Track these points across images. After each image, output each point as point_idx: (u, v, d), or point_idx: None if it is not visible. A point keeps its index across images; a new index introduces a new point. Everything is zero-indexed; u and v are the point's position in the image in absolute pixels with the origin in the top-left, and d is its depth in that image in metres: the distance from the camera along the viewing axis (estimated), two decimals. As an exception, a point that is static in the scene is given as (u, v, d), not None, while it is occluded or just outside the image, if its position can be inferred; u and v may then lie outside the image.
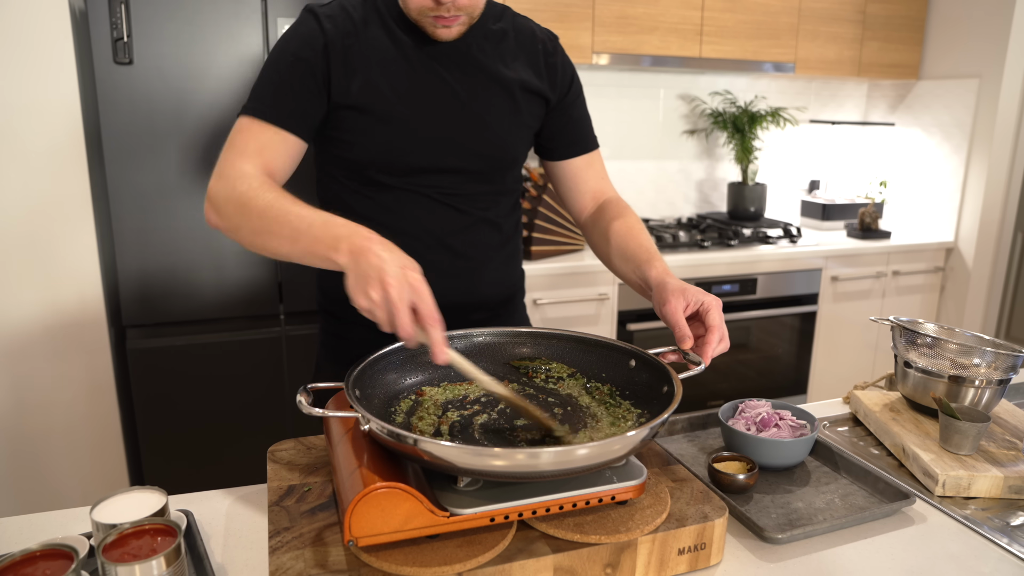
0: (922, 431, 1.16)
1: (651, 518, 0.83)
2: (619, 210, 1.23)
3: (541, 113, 1.22)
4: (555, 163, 1.29)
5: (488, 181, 1.19)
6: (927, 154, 3.35)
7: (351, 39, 1.09)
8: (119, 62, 1.91)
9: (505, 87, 1.16)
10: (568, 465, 0.74)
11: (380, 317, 0.79)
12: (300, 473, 0.95)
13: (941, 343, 1.19)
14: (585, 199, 1.29)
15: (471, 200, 1.19)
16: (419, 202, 1.16)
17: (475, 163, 1.17)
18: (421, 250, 1.08)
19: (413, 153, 1.12)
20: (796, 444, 1.07)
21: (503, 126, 1.17)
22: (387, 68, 1.10)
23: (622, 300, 2.63)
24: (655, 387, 0.93)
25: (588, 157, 1.28)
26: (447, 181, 1.16)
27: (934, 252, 3.24)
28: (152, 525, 0.79)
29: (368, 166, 1.13)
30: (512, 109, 1.17)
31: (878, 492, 1.03)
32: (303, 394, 0.82)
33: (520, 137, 1.21)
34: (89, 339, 2.06)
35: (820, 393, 3.11)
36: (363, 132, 1.11)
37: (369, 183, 1.15)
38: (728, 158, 3.39)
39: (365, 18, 1.11)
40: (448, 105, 1.13)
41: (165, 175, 1.99)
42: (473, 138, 1.15)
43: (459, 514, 0.77)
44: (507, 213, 1.25)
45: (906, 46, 3.26)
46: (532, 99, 1.20)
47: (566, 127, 1.25)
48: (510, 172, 1.23)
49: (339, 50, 1.08)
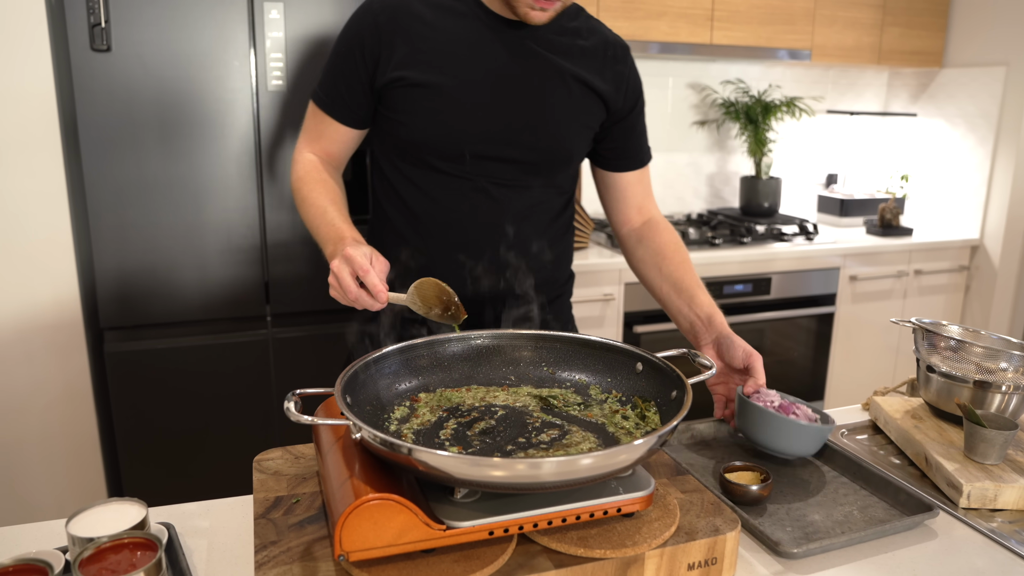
0: (946, 439, 1.16)
1: (659, 531, 0.83)
2: (670, 235, 1.33)
3: (601, 116, 1.27)
4: (607, 175, 1.35)
5: (541, 174, 1.24)
6: (951, 146, 3.35)
7: (406, 17, 1.16)
8: (96, 49, 1.91)
9: (565, 80, 1.21)
10: (571, 476, 0.74)
11: (337, 294, 1.04)
12: (288, 484, 0.95)
13: (966, 346, 1.19)
14: (631, 212, 1.36)
15: (524, 193, 1.23)
16: (469, 194, 1.21)
17: (529, 154, 1.21)
18: (467, 241, 1.20)
19: (466, 133, 1.17)
20: (815, 430, 1.08)
21: (561, 118, 1.21)
22: (445, 43, 1.16)
23: (628, 301, 2.63)
24: (664, 393, 0.93)
25: (640, 172, 1.36)
26: (500, 171, 1.21)
27: (958, 250, 3.24)
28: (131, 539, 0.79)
29: (421, 147, 1.19)
30: (571, 103, 1.21)
31: (899, 504, 1.03)
32: (291, 400, 0.82)
33: (577, 134, 1.25)
34: (64, 342, 2.06)
35: (838, 399, 3.11)
36: (415, 108, 1.17)
37: (421, 168, 1.21)
38: (740, 151, 3.39)
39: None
40: (507, 87, 1.17)
41: (145, 168, 1.99)
42: (530, 126, 1.19)
43: (456, 527, 0.77)
44: (558, 212, 1.30)
45: (929, 32, 3.26)
46: (592, 99, 1.24)
47: (628, 141, 1.31)
48: (564, 170, 1.27)
49: (391, 30, 1.16)
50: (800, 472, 1.12)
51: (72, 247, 2.03)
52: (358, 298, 1.01)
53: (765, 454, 1.15)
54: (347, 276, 1.01)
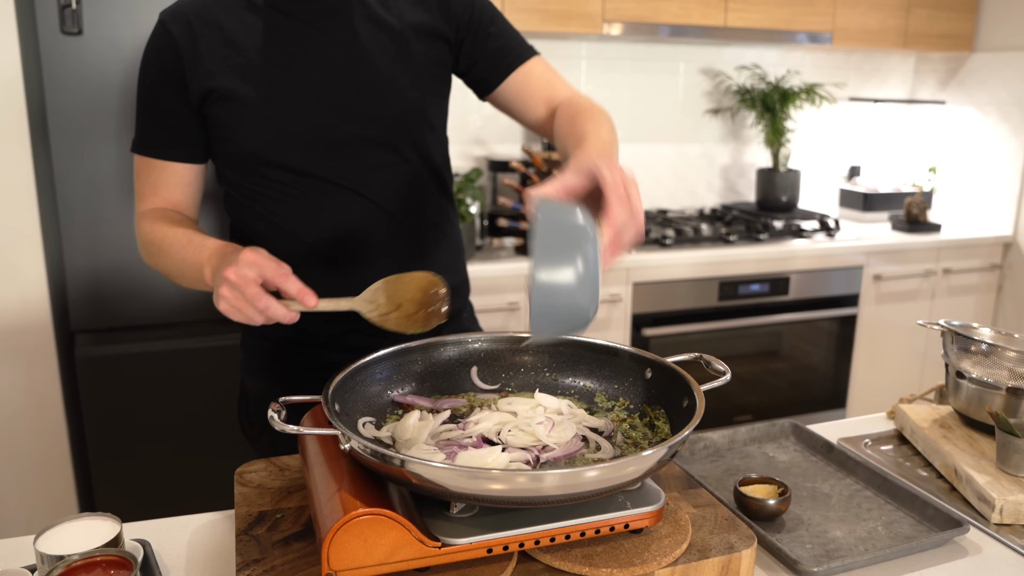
0: (977, 450, 1.16)
1: (670, 549, 0.83)
2: (587, 103, 1.18)
3: (447, 57, 1.22)
4: (497, 94, 1.26)
5: (394, 150, 1.18)
6: (982, 136, 3.35)
7: (200, 26, 1.12)
8: (67, 32, 1.91)
9: (394, 35, 1.16)
10: (576, 489, 0.74)
11: (238, 307, 0.91)
12: (272, 498, 0.95)
13: (998, 350, 1.19)
14: (539, 110, 1.25)
15: (388, 173, 1.18)
16: (319, 199, 1.16)
17: (373, 128, 1.15)
18: (342, 240, 1.15)
19: (293, 124, 1.12)
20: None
21: (397, 77, 1.16)
22: (242, 41, 1.12)
23: (637, 302, 2.63)
24: (674, 400, 0.93)
25: (524, 68, 1.24)
26: (346, 161, 1.15)
27: (990, 247, 3.25)
28: (104, 557, 0.79)
29: (257, 157, 1.14)
30: (405, 58, 1.17)
31: (927, 519, 1.03)
32: (276, 408, 0.82)
33: (423, 89, 1.19)
34: (32, 346, 2.06)
35: (861, 407, 3.11)
36: (237, 116, 1.12)
37: (265, 182, 1.16)
38: (757, 141, 3.39)
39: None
40: (325, 65, 1.13)
41: (119, 160, 1.99)
42: (363, 97, 1.14)
43: (452, 544, 0.77)
44: (430, 187, 1.24)
45: (959, 13, 3.26)
46: (431, 43, 1.19)
47: (483, 51, 1.23)
48: (420, 132, 1.21)
49: (189, 44, 1.11)
50: (821, 485, 1.12)
51: (41, 244, 2.03)
52: (267, 308, 0.91)
53: (783, 468, 1.15)
54: (252, 284, 0.90)
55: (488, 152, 2.95)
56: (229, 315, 0.93)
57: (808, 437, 1.25)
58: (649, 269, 2.62)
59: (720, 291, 2.74)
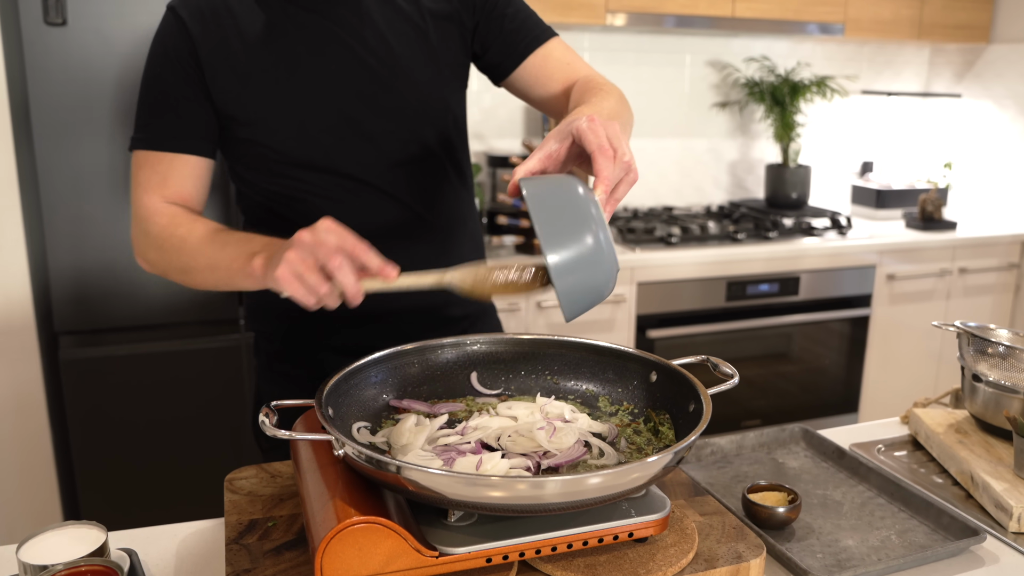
0: (994, 456, 1.16)
1: (675, 558, 0.83)
2: (588, 81, 1.18)
3: (464, 43, 1.22)
4: (514, 78, 1.25)
5: (419, 143, 1.18)
6: (999, 131, 3.35)
7: (211, 16, 1.11)
8: (50, 22, 1.90)
9: (413, 24, 1.17)
10: (578, 496, 0.74)
11: (302, 272, 0.84)
12: (263, 506, 0.95)
13: (1016, 353, 1.19)
14: (558, 95, 1.23)
15: (401, 183, 1.18)
16: (343, 196, 1.16)
17: (396, 120, 1.16)
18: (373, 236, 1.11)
19: (315, 120, 1.13)
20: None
21: (420, 68, 1.17)
22: (257, 33, 1.11)
23: (641, 303, 2.63)
24: (680, 404, 0.93)
25: (542, 51, 1.23)
26: (369, 155, 1.16)
27: (1008, 246, 3.25)
28: (89, 566, 0.79)
29: (278, 153, 1.14)
30: (425, 48, 1.17)
31: (942, 528, 1.03)
32: (267, 413, 0.82)
33: (445, 78, 1.20)
34: (15, 348, 2.06)
35: (874, 411, 3.11)
36: (256, 113, 1.12)
37: (284, 180, 1.16)
38: (766, 136, 3.39)
39: None
40: (344, 56, 1.13)
41: (105, 155, 1.99)
42: (385, 89, 1.15)
43: (450, 553, 0.77)
44: (450, 176, 1.24)
45: (975, 3, 3.26)
46: (449, 30, 1.19)
47: (499, 33, 1.22)
48: (444, 128, 1.21)
49: (202, 34, 1.11)
50: (832, 492, 1.12)
51: (23, 242, 2.03)
52: (340, 267, 0.83)
53: (793, 474, 1.15)
54: (328, 246, 0.84)
55: (487, 147, 2.95)
56: (284, 284, 0.85)
57: (819, 442, 1.25)
58: (654, 268, 2.62)
59: (728, 291, 2.75)
